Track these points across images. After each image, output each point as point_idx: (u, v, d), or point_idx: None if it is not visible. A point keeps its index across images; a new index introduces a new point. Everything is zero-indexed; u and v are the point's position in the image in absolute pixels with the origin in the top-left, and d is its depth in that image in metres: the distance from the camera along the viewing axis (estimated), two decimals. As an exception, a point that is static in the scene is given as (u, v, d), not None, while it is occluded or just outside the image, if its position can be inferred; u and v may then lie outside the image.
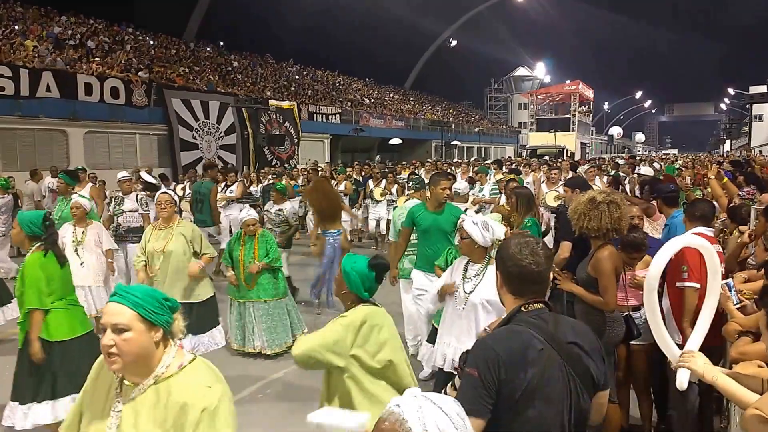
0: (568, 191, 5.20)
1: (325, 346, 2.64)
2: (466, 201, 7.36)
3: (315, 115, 29.49)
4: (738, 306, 3.25)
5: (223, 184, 11.41)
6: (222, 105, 22.23)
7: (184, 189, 11.86)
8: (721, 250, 4.26)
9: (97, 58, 20.30)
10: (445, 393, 2.01)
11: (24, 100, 16.10)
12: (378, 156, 34.72)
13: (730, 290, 3.26)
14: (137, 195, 7.88)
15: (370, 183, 12.13)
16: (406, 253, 5.59)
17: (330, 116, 30.69)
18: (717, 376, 2.14)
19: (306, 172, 14.22)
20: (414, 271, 5.31)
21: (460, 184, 7.73)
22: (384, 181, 11.97)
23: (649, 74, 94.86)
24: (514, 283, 1.98)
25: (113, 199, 8.07)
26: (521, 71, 69.98)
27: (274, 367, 5.63)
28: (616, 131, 70.14)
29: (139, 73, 20.77)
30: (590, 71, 72.56)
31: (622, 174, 11.24)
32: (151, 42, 26.40)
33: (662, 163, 19.25)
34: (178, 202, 6.53)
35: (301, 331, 5.98)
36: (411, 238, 5.52)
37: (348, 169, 13.26)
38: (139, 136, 19.72)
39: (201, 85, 23.76)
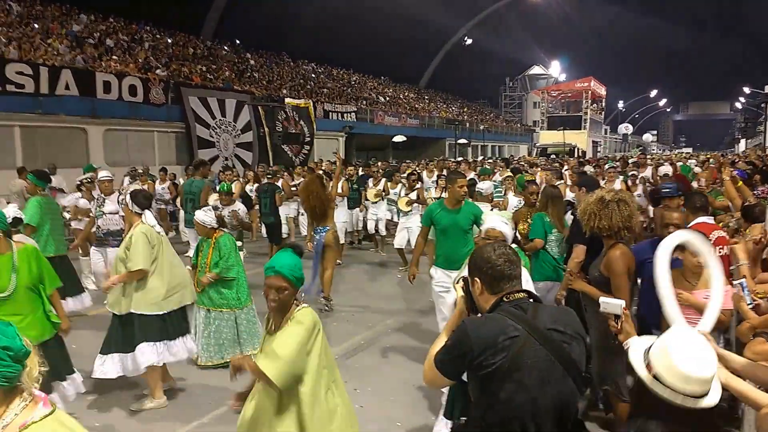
0: (575, 191, 5.22)
1: (300, 353, 2.56)
2: (490, 201, 7.41)
3: (330, 113, 29.60)
4: (751, 306, 3.31)
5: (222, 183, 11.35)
6: (238, 103, 22.42)
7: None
8: (724, 234, 4.59)
9: (115, 57, 20.57)
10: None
11: (44, 97, 16.35)
12: (367, 156, 34.61)
13: (743, 290, 3.32)
14: (118, 196, 7.41)
15: (370, 183, 11.86)
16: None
17: (345, 114, 30.80)
18: (729, 377, 2.12)
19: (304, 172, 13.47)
20: (433, 267, 5.35)
21: (484, 184, 7.78)
22: (383, 181, 11.63)
23: (665, 73, 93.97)
24: (493, 283, 2.11)
25: (95, 201, 7.73)
26: (536, 70, 69.68)
27: (220, 393, 4.94)
28: (623, 128, 69.29)
29: (157, 72, 21.03)
30: (605, 69, 72.01)
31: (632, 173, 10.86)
32: (169, 40, 26.67)
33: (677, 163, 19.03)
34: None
35: (252, 347, 5.54)
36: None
37: (350, 169, 12.85)
38: (157, 133, 19.95)
39: (218, 83, 23.99)
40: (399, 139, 30.15)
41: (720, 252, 4.23)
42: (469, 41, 54.58)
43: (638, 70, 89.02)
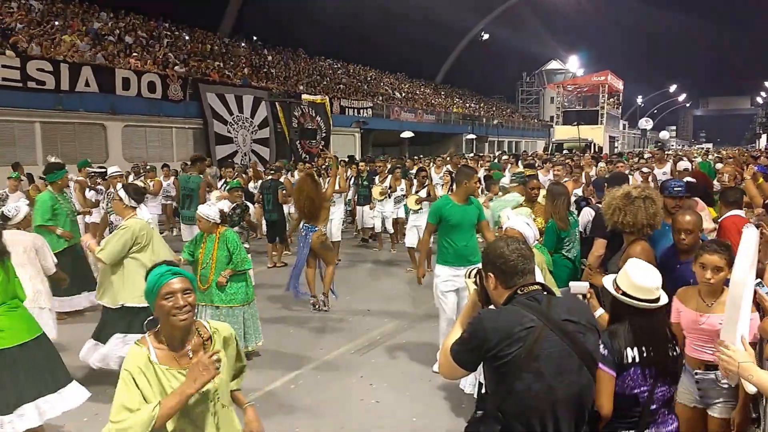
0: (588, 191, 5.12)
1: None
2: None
3: (347, 109, 29.64)
4: None
5: (222, 180, 11.22)
6: (256, 99, 22.54)
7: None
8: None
9: (135, 53, 20.78)
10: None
11: (65, 94, 16.59)
12: (383, 152, 34.53)
13: (761, 287, 3.28)
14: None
15: (377, 180, 11.55)
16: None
17: (361, 110, 30.82)
18: (753, 373, 2.11)
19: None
20: (438, 266, 5.23)
21: (508, 179, 7.73)
22: (389, 177, 11.33)
23: (685, 67, 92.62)
24: (507, 278, 2.14)
25: (105, 196, 7.89)
26: (554, 65, 69.04)
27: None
28: (643, 122, 67.94)
29: (176, 68, 21.21)
30: (624, 64, 71.19)
31: (645, 170, 10.28)
32: (187, 37, 26.88)
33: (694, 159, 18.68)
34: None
35: (255, 343, 5.60)
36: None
37: (361, 165, 12.46)
38: (175, 129, 20.15)
39: (235, 79, 24.13)
40: (407, 134, 30.02)
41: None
42: (486, 36, 54.27)
43: (657, 64, 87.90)
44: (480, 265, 2.37)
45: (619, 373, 2.40)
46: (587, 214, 5.75)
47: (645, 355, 2.40)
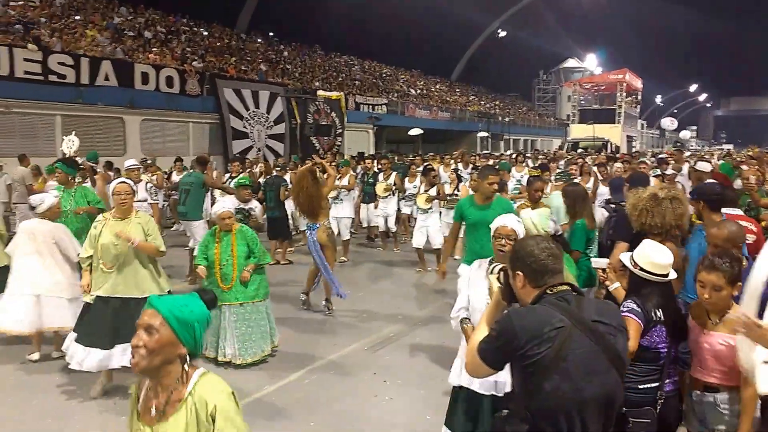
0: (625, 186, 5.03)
1: None
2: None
3: (361, 105, 29.65)
4: None
5: (227, 175, 11.19)
6: (272, 95, 22.63)
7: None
8: (750, 225, 4.37)
9: (154, 48, 20.96)
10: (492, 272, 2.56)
11: (85, 88, 16.79)
12: (397, 148, 34.42)
13: None
14: (146, 184, 7.72)
15: (380, 177, 11.26)
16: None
17: (376, 107, 30.81)
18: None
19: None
20: (462, 265, 5.23)
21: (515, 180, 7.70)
22: (393, 174, 11.13)
23: (706, 67, 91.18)
24: (536, 277, 2.13)
25: None
26: (571, 63, 68.39)
27: (254, 382, 5.03)
28: (668, 122, 66.55)
29: (193, 63, 21.36)
30: (642, 63, 70.18)
31: (670, 172, 10.17)
32: (205, 33, 27.05)
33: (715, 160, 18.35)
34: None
35: (273, 339, 5.59)
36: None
37: (368, 162, 12.19)
38: (192, 124, 20.30)
39: (252, 75, 24.25)
40: (415, 132, 29.89)
41: (747, 240, 4.11)
42: (502, 34, 53.90)
43: (677, 63, 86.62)
44: (501, 264, 2.38)
45: (646, 329, 2.82)
46: (599, 215, 5.73)
47: (664, 318, 2.85)
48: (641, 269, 2.90)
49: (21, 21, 17.31)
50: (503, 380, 3.12)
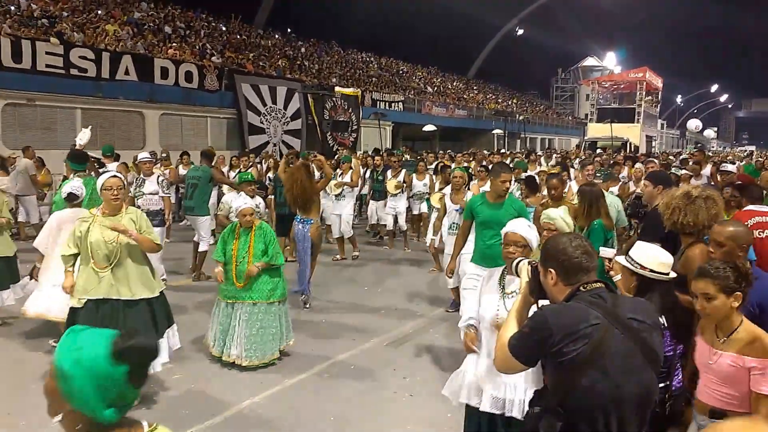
0: (650, 186, 4.90)
1: None
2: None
3: (378, 102, 29.60)
4: None
5: (236, 170, 10.89)
6: (289, 90, 22.66)
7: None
8: (763, 220, 4.38)
9: (174, 43, 21.08)
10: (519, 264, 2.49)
11: (105, 82, 16.93)
12: (413, 145, 34.29)
13: None
14: (158, 177, 7.67)
15: (389, 174, 11.01)
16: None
17: (392, 104, 30.74)
18: None
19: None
20: (468, 263, 5.19)
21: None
22: (403, 172, 10.89)
23: (727, 67, 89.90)
24: (569, 275, 2.11)
25: (134, 181, 7.89)
26: (590, 61, 67.69)
27: (274, 377, 5.01)
28: (694, 124, 65.55)
29: (212, 59, 21.45)
30: (663, 63, 69.25)
31: (686, 172, 9.80)
32: (224, 28, 27.17)
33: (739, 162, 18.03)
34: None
35: (286, 342, 5.42)
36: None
37: (376, 159, 12.00)
38: (210, 119, 20.38)
39: (270, 71, 24.30)
40: (429, 128, 29.74)
41: (760, 235, 4.14)
42: (520, 31, 53.51)
43: (698, 64, 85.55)
44: (527, 259, 2.34)
45: None
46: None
47: (670, 321, 2.74)
48: (651, 270, 2.86)
49: (44, 16, 17.50)
50: (511, 397, 3.03)
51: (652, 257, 2.88)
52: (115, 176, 4.51)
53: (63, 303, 4.94)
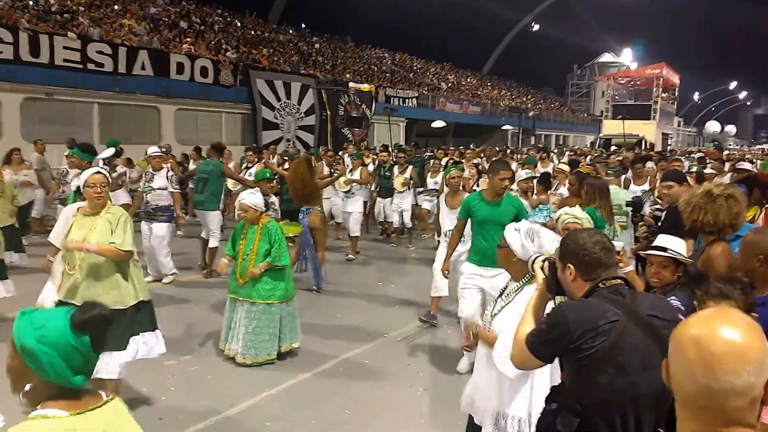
0: (674, 186, 4.83)
1: None
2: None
3: (392, 98, 29.57)
4: None
5: (252, 165, 10.68)
6: (303, 86, 22.72)
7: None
8: None
9: (189, 39, 21.20)
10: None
11: (122, 76, 17.07)
12: (426, 142, 34.11)
13: None
14: (167, 173, 7.63)
15: (396, 170, 10.88)
16: None
17: (406, 100, 30.70)
18: None
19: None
20: (465, 263, 5.05)
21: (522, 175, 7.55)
22: (410, 168, 10.79)
23: (744, 64, 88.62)
24: (589, 270, 2.11)
25: (143, 176, 7.88)
26: (606, 57, 67.04)
27: (290, 369, 5.07)
28: (712, 128, 64.52)
29: (227, 54, 21.55)
30: (680, 59, 68.46)
31: (711, 171, 9.64)
32: (238, 24, 27.28)
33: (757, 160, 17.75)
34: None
35: (290, 343, 5.33)
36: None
37: (383, 155, 11.86)
38: (224, 114, 20.49)
39: (285, 66, 24.37)
40: (438, 124, 29.59)
41: None
42: (536, 27, 53.13)
43: (716, 60, 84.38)
44: (544, 256, 2.34)
45: None
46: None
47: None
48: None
49: (62, 11, 17.68)
50: (505, 411, 2.84)
51: (683, 247, 2.99)
52: (99, 172, 4.12)
53: None
